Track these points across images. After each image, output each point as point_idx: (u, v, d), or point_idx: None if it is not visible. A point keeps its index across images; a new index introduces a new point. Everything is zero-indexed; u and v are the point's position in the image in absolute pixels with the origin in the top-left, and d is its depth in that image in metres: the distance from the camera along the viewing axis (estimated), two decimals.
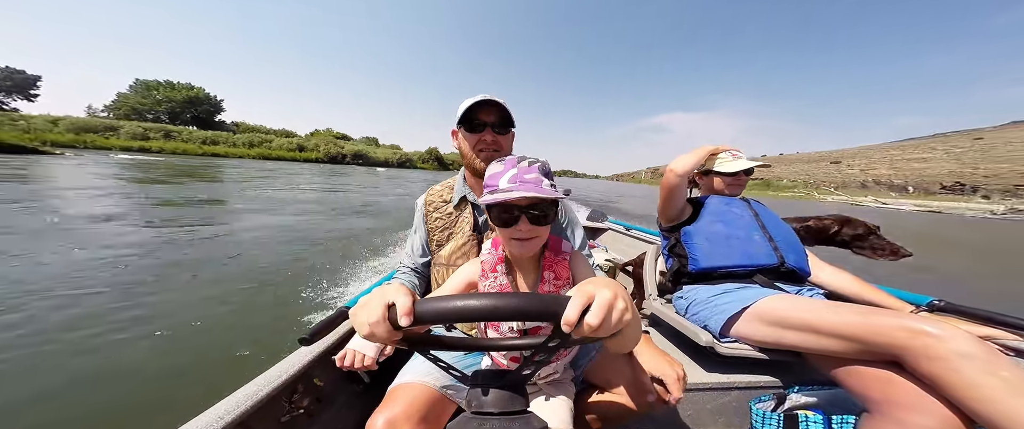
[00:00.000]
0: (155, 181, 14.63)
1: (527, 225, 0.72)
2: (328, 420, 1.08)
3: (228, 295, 3.63)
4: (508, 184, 0.72)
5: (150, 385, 2.28)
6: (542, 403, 0.81)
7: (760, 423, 1.00)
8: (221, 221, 7.50)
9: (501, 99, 1.01)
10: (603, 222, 3.99)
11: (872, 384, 0.84)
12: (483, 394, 0.51)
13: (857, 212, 4.17)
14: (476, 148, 1.03)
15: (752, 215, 1.44)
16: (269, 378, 0.93)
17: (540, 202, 0.71)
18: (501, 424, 0.48)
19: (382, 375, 1.11)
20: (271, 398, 0.90)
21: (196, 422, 0.76)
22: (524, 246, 0.75)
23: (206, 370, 2.45)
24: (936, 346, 0.72)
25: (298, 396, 1.00)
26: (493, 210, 0.74)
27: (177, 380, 2.34)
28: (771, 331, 1.05)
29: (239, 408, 0.81)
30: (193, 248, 5.28)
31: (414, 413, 0.77)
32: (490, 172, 0.78)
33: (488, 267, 0.82)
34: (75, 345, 2.62)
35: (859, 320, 0.86)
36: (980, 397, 0.66)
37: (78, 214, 6.97)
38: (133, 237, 5.60)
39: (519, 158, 0.76)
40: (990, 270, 8.56)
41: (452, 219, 1.08)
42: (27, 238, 5.15)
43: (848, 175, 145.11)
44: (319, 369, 1.09)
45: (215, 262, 4.67)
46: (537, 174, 0.73)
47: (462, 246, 1.05)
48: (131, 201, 9.11)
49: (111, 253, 4.68)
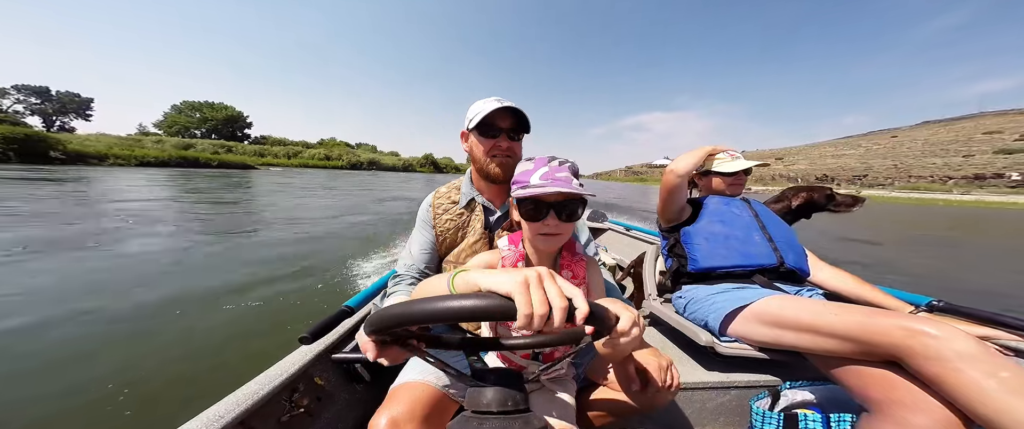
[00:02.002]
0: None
1: (555, 220, 0.74)
2: (329, 419, 1.08)
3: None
4: (540, 181, 0.74)
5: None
6: (544, 401, 0.82)
7: (760, 422, 0.99)
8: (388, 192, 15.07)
9: (516, 104, 1.01)
10: (603, 222, 4.04)
11: (872, 384, 0.83)
12: (483, 393, 0.52)
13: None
14: (490, 153, 1.02)
15: (752, 215, 1.44)
16: (269, 377, 0.93)
17: (571, 199, 0.74)
18: (501, 423, 0.48)
19: (383, 374, 1.13)
20: (271, 397, 0.90)
21: (196, 421, 0.76)
22: (550, 241, 0.77)
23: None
24: (936, 346, 0.72)
25: (298, 395, 1.00)
26: (524, 205, 0.76)
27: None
28: (770, 331, 1.05)
29: (239, 407, 0.82)
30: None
31: (417, 412, 0.77)
32: (520, 169, 0.80)
33: (509, 262, 0.83)
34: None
35: (859, 320, 0.86)
36: (979, 397, 0.66)
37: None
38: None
39: (550, 157, 0.79)
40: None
41: (463, 220, 1.09)
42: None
43: (776, 171, 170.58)
44: (319, 368, 1.10)
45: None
46: (568, 173, 0.76)
47: (473, 244, 1.06)
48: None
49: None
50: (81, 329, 2.81)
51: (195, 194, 13.36)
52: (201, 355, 2.53)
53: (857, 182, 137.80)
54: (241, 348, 2.65)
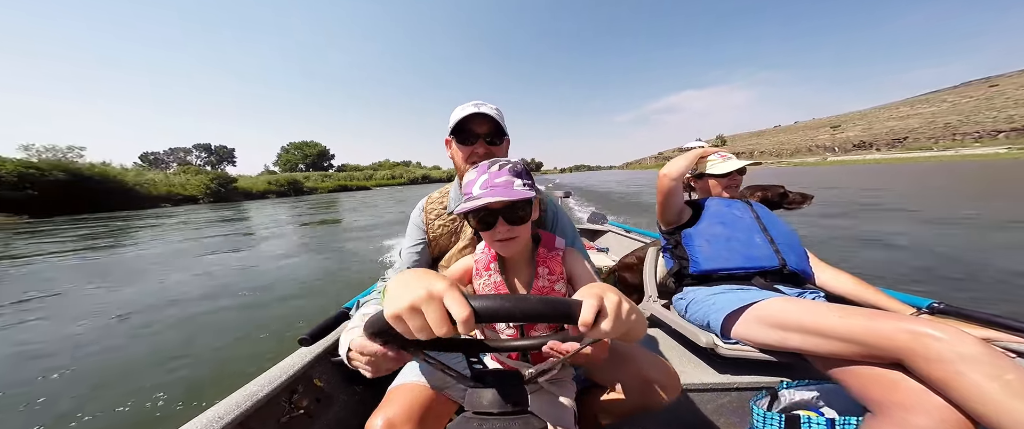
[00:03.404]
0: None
1: (505, 226, 0.74)
2: (328, 421, 1.08)
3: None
4: (480, 190, 0.74)
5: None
6: (543, 402, 0.81)
7: (761, 423, 0.98)
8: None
9: (493, 108, 1.01)
10: (603, 224, 4.02)
11: (875, 386, 0.83)
12: (483, 394, 0.52)
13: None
14: (469, 160, 1.03)
15: (753, 217, 1.43)
16: (269, 378, 0.93)
17: (511, 204, 0.73)
18: (501, 424, 0.49)
19: (382, 375, 1.12)
20: (271, 399, 0.90)
21: (195, 423, 0.76)
22: (507, 246, 0.78)
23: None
24: (940, 349, 0.72)
25: (298, 396, 1.00)
26: (471, 218, 0.76)
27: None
28: (773, 333, 1.05)
29: (238, 409, 0.82)
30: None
31: (414, 414, 0.76)
32: (466, 180, 0.80)
33: (482, 265, 0.84)
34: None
35: (863, 323, 0.86)
36: (985, 400, 0.66)
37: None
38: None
39: (490, 162, 0.78)
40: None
41: (456, 225, 1.10)
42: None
43: (816, 140, 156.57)
44: (319, 369, 1.10)
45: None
46: (508, 176, 0.75)
47: (462, 250, 1.07)
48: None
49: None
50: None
51: (357, 212, 16.85)
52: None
53: (897, 145, 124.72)
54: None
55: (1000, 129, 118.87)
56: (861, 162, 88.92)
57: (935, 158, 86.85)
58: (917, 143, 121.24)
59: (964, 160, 74.48)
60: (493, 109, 1.02)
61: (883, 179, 24.20)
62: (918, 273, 4.33)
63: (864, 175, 31.86)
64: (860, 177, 28.13)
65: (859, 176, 30.17)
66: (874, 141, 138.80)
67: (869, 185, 18.82)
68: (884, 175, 30.63)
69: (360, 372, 1.02)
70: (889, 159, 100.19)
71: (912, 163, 71.61)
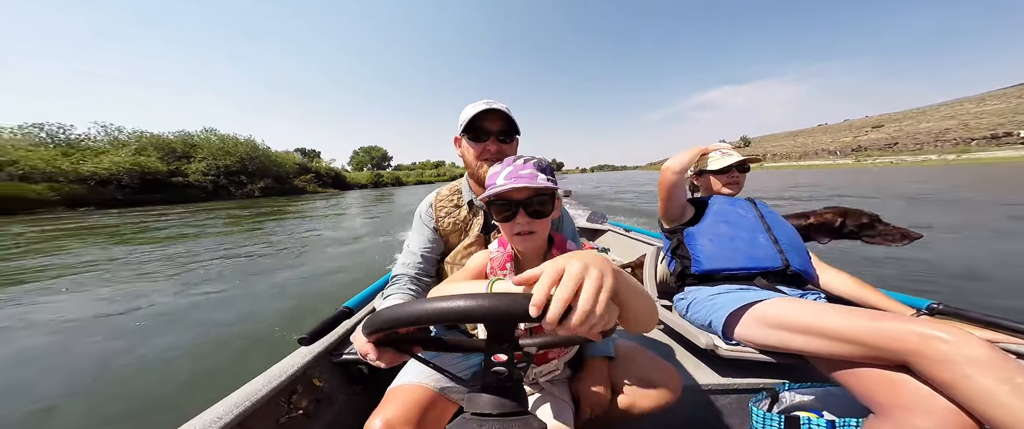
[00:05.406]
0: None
1: (525, 218, 0.75)
2: (327, 421, 1.08)
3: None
4: (504, 181, 0.75)
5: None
6: (542, 403, 0.81)
7: (761, 424, 0.97)
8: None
9: (504, 106, 1.01)
10: (603, 223, 4.02)
11: (878, 387, 0.83)
12: (482, 395, 0.51)
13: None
14: (480, 157, 1.03)
15: (757, 216, 1.42)
16: (268, 378, 0.93)
17: (536, 195, 0.75)
18: (501, 425, 0.48)
19: (382, 376, 1.12)
20: (270, 399, 0.90)
21: (194, 423, 0.76)
22: (526, 240, 0.78)
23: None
24: (947, 351, 0.72)
25: (297, 397, 1.00)
26: (494, 207, 0.77)
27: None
28: (775, 334, 1.05)
29: (237, 409, 0.82)
30: None
31: (412, 415, 0.76)
32: (489, 173, 0.82)
33: (497, 264, 0.84)
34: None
35: (867, 324, 0.86)
36: (992, 402, 0.66)
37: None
38: None
39: (515, 157, 0.80)
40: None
41: (465, 222, 1.10)
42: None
43: (844, 143, 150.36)
44: (318, 369, 1.10)
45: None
46: (532, 170, 0.76)
47: (468, 247, 1.08)
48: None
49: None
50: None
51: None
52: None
53: (937, 146, 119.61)
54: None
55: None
56: (859, 166, 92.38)
57: (940, 163, 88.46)
58: (958, 144, 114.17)
59: (978, 163, 71.61)
60: (504, 106, 1.02)
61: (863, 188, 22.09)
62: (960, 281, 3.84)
63: (840, 176, 31.01)
64: (838, 178, 27.82)
65: (837, 177, 29.66)
66: (897, 141, 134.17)
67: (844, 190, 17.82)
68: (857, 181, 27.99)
69: (360, 373, 1.10)
70: (887, 164, 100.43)
71: (927, 166, 70.71)
